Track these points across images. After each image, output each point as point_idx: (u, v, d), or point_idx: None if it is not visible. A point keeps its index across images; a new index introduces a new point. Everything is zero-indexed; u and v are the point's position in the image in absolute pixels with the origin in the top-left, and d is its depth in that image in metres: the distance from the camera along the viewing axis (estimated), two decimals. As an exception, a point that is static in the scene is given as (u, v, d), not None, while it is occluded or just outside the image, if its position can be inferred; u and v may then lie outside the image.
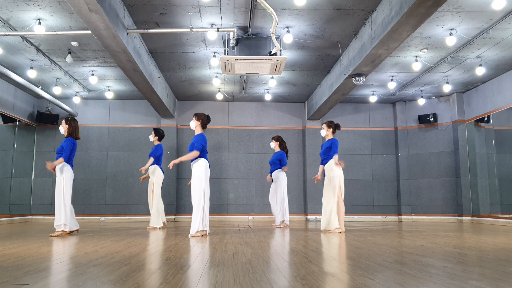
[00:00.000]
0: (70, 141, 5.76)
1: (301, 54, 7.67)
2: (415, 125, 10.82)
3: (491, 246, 4.29)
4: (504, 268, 2.87)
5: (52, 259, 3.42)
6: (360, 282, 2.36)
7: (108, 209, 10.27)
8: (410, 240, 5.09)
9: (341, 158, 11.02)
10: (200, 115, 5.74)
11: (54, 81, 9.00)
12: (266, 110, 11.05)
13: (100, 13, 4.86)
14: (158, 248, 4.12)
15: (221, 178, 10.63)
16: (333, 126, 6.54)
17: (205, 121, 5.74)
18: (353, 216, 10.63)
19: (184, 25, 6.35)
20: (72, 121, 5.93)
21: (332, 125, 6.54)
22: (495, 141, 10.13)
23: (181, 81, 9.30)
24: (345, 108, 11.13)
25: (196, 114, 5.75)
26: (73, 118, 5.99)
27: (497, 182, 10.05)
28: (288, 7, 5.84)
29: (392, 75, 8.83)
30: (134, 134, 10.64)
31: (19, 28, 6.30)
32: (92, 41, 6.90)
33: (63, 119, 5.96)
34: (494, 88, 9.01)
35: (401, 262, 3.17)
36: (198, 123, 5.69)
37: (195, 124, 5.70)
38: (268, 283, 2.36)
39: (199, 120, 5.69)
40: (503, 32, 6.55)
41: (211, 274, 2.63)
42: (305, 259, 3.36)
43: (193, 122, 5.70)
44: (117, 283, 2.36)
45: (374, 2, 5.75)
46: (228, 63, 6.55)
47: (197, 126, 5.70)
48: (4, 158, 9.83)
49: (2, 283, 2.35)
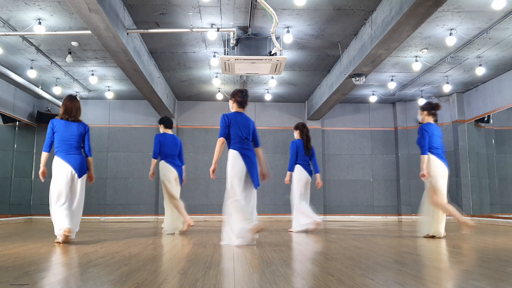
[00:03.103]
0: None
1: (301, 54, 7.67)
2: (415, 125, 10.81)
3: (491, 246, 4.29)
4: (504, 268, 2.87)
5: (52, 259, 3.42)
6: (360, 282, 2.35)
7: (108, 209, 10.26)
8: (410, 240, 5.08)
9: (341, 158, 11.08)
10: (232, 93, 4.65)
11: (54, 81, 9.00)
12: (266, 110, 11.05)
13: (100, 13, 4.86)
14: (158, 248, 4.12)
15: (221, 178, 10.60)
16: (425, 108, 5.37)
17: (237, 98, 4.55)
18: (353, 216, 10.63)
19: (184, 25, 6.35)
20: (65, 100, 4.74)
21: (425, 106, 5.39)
22: (495, 141, 10.13)
23: (181, 81, 9.30)
24: (345, 108, 11.13)
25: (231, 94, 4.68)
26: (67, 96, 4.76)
27: (497, 182, 10.04)
28: (288, 7, 5.84)
29: (392, 75, 8.83)
30: (134, 134, 10.64)
31: (19, 28, 6.29)
32: (92, 41, 6.90)
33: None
34: (494, 88, 9.01)
35: (401, 262, 3.17)
36: (231, 102, 4.63)
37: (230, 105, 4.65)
38: (268, 283, 2.36)
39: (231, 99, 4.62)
40: (503, 32, 6.54)
41: (211, 274, 2.63)
42: (305, 259, 3.36)
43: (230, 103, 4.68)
44: (117, 283, 2.36)
45: (374, 2, 5.75)
46: (228, 63, 6.55)
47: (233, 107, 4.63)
48: (4, 158, 9.82)
49: (2, 283, 2.35)
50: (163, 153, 6.02)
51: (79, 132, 4.59)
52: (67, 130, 4.54)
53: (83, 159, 4.62)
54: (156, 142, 6.01)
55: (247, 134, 4.40)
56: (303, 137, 6.44)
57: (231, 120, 4.38)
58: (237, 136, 4.35)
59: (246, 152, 4.33)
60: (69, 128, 4.55)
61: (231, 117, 4.40)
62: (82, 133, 4.62)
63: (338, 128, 11.10)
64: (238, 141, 4.35)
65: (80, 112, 4.69)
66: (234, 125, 4.36)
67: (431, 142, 5.19)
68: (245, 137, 4.38)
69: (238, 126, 4.37)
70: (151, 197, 10.37)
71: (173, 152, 6.05)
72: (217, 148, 4.35)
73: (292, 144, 6.43)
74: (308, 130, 6.52)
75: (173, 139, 6.12)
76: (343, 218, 10.61)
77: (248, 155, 4.34)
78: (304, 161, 6.37)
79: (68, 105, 4.63)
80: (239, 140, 4.35)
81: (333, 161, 10.89)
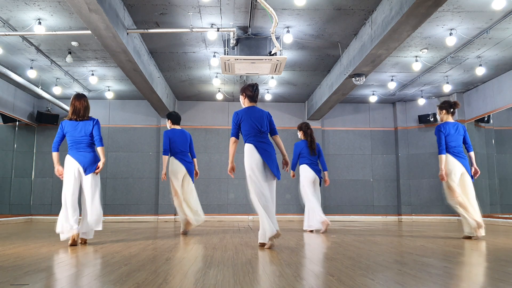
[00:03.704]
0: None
1: (301, 54, 7.67)
2: (415, 125, 10.82)
3: (491, 246, 4.29)
4: (504, 268, 2.87)
5: (52, 259, 3.42)
6: (360, 282, 2.35)
7: (108, 209, 10.26)
8: (410, 240, 5.08)
9: (341, 158, 11.08)
10: (242, 88, 4.58)
11: (54, 81, 9.00)
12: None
13: (100, 13, 4.86)
14: (158, 248, 4.12)
15: (221, 178, 10.62)
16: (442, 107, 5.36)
17: (248, 92, 4.47)
18: (353, 216, 10.63)
19: (184, 25, 6.35)
20: (72, 99, 4.69)
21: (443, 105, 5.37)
22: (495, 141, 10.13)
23: (181, 81, 9.30)
24: (345, 108, 11.13)
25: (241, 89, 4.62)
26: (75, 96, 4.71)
27: (497, 182, 10.04)
28: (288, 7, 5.84)
29: (392, 75, 8.83)
30: (134, 134, 10.64)
31: (19, 28, 6.29)
32: (92, 41, 6.90)
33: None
34: (494, 88, 9.01)
35: (401, 262, 3.17)
36: (242, 97, 4.54)
37: (242, 101, 4.58)
38: (268, 283, 2.36)
39: (242, 94, 4.53)
40: (503, 32, 6.54)
41: (211, 274, 2.63)
42: (305, 259, 3.36)
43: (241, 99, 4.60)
44: (117, 283, 2.36)
45: (374, 2, 5.75)
46: (228, 63, 6.55)
47: (244, 102, 4.54)
48: (4, 158, 9.82)
49: (2, 283, 2.35)
50: (172, 149, 5.89)
51: (88, 130, 4.59)
52: (76, 130, 4.56)
53: (93, 156, 4.58)
54: (166, 139, 5.87)
55: (262, 126, 4.32)
56: (307, 137, 6.43)
57: (242, 116, 4.33)
58: (251, 130, 4.29)
59: (262, 145, 4.25)
60: (77, 128, 4.57)
61: (242, 114, 4.35)
62: (90, 129, 4.61)
63: (338, 128, 11.10)
64: (253, 134, 4.28)
65: (88, 110, 4.69)
66: (246, 120, 4.31)
67: (448, 141, 5.17)
68: (260, 130, 4.30)
69: (252, 120, 4.31)
70: (151, 197, 10.37)
71: (183, 148, 5.94)
72: (230, 147, 4.35)
73: (295, 146, 6.46)
74: (312, 131, 6.50)
75: (182, 134, 5.99)
76: (343, 218, 10.61)
77: (264, 147, 4.24)
78: (311, 160, 6.35)
79: (76, 105, 4.62)
80: (254, 133, 4.28)
81: (333, 161, 10.89)
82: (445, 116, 5.33)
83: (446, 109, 5.31)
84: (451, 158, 5.16)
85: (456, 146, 5.20)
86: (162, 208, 10.22)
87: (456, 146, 5.20)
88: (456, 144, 5.20)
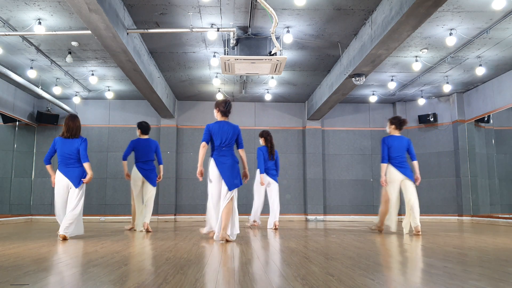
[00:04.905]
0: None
1: (301, 54, 7.67)
2: (415, 125, 10.82)
3: (491, 246, 4.29)
4: (504, 268, 2.87)
5: (52, 259, 3.42)
6: (360, 282, 2.35)
7: (108, 209, 10.26)
8: (410, 240, 5.09)
9: (341, 158, 11.08)
10: (216, 103, 5.06)
11: (54, 81, 9.00)
12: (266, 110, 11.05)
13: (100, 13, 4.86)
14: (158, 248, 4.12)
15: (221, 178, 10.60)
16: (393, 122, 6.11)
17: (221, 108, 4.95)
18: (353, 216, 10.63)
19: (184, 25, 6.35)
20: (67, 119, 5.30)
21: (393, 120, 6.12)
22: (495, 141, 10.13)
23: (181, 81, 9.31)
24: (345, 108, 11.13)
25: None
26: (69, 116, 5.32)
27: (497, 182, 10.05)
28: (288, 7, 5.84)
29: (392, 75, 8.83)
30: (134, 134, 10.57)
31: (19, 28, 6.30)
32: (92, 41, 6.90)
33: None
34: (494, 88, 9.01)
35: (401, 262, 3.17)
36: (215, 111, 5.02)
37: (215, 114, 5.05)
38: (268, 283, 2.36)
39: (216, 108, 5.01)
40: (503, 32, 6.55)
41: (211, 274, 2.63)
42: (305, 259, 3.36)
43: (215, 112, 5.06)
44: (117, 283, 2.36)
45: (374, 2, 5.75)
46: (228, 63, 6.55)
47: (217, 116, 5.04)
48: (4, 158, 9.83)
49: (2, 283, 2.35)
50: (135, 158, 6.55)
51: (76, 147, 5.17)
52: (65, 146, 5.15)
53: (80, 171, 5.17)
54: (129, 147, 6.58)
55: (227, 140, 4.85)
56: (268, 144, 7.26)
57: (212, 130, 4.86)
58: (216, 144, 4.84)
59: (221, 158, 4.83)
60: (67, 144, 5.16)
61: (212, 128, 4.87)
62: (78, 146, 5.19)
63: (338, 128, 11.10)
64: (216, 149, 4.85)
65: (79, 130, 5.28)
66: (216, 133, 4.85)
67: (390, 153, 5.89)
68: (224, 144, 4.84)
69: (219, 135, 4.84)
70: (151, 197, 10.36)
71: (145, 158, 6.53)
72: (199, 152, 4.85)
73: (259, 150, 7.25)
74: (272, 138, 7.34)
75: (147, 143, 6.60)
76: (343, 218, 10.61)
77: (223, 161, 4.82)
78: (268, 165, 7.22)
79: (70, 125, 5.21)
80: (217, 148, 4.84)
81: (333, 161, 10.89)
82: (393, 130, 6.01)
83: (395, 125, 6.00)
84: (392, 168, 5.87)
85: (397, 156, 5.89)
86: (162, 208, 10.21)
87: (397, 157, 5.89)
88: (397, 155, 5.90)
